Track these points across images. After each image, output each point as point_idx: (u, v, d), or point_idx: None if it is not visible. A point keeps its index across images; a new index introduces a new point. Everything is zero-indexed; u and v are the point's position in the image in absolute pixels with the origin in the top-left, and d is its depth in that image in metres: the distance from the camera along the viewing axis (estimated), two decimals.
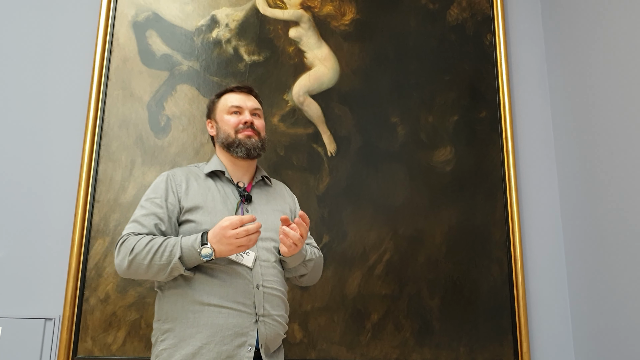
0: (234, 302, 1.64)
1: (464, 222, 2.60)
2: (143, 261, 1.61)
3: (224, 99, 1.90)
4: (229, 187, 1.84)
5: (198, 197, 1.77)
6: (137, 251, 1.62)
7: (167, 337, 1.65)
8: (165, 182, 1.79)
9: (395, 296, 2.49)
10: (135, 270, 1.64)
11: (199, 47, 2.59)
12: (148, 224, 1.69)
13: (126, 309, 2.31)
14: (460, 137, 2.69)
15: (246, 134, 1.82)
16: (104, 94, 2.48)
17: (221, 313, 1.63)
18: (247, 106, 1.87)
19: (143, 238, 1.64)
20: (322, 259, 1.95)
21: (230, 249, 1.59)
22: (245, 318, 1.64)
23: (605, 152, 2.35)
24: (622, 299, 2.22)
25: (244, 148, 1.81)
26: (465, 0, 2.86)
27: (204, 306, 1.63)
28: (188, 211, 1.74)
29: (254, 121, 1.86)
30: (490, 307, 2.52)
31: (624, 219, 2.23)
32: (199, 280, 1.66)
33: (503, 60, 2.78)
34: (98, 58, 2.49)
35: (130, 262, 1.63)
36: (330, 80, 2.66)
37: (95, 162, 2.41)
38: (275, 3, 2.70)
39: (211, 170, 1.85)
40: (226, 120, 1.85)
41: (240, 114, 1.86)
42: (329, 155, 2.58)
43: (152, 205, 1.73)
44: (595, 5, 2.45)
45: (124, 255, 1.64)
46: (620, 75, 2.27)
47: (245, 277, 1.68)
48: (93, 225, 2.36)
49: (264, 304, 1.68)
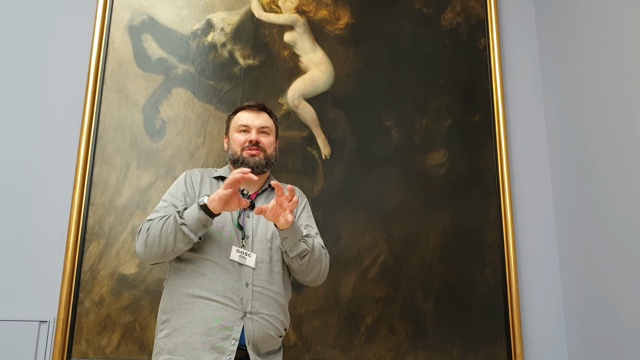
0: (222, 296, 1.71)
1: (457, 225, 2.61)
2: (155, 233, 1.70)
3: (236, 117, 1.99)
4: None
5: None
6: (152, 228, 1.72)
7: (164, 327, 1.74)
8: (184, 178, 1.93)
9: (389, 299, 2.49)
10: (151, 246, 1.72)
11: (194, 51, 2.60)
12: (167, 213, 1.78)
13: (120, 312, 2.31)
14: (454, 141, 2.70)
15: (250, 152, 1.91)
16: (100, 97, 2.49)
17: (209, 305, 1.70)
18: (255, 125, 1.94)
19: (158, 219, 1.75)
20: (327, 257, 1.93)
21: (217, 193, 1.66)
22: (231, 312, 1.70)
23: (598, 155, 2.36)
24: (615, 302, 2.23)
25: (246, 166, 1.88)
26: (459, 5, 2.88)
27: (195, 298, 1.71)
28: None
29: (261, 139, 1.93)
30: (484, 310, 2.53)
31: (617, 221, 2.24)
32: (193, 275, 1.75)
33: (497, 65, 2.80)
34: (94, 61, 2.50)
35: (145, 240, 1.73)
36: (325, 84, 2.68)
37: (90, 165, 2.41)
38: (271, 7, 2.72)
39: (219, 174, 1.96)
40: (235, 138, 1.95)
41: (248, 132, 1.94)
42: (324, 158, 2.59)
43: (172, 198, 1.86)
44: (589, 10, 2.47)
45: (142, 236, 1.74)
46: (613, 80, 2.29)
47: (235, 274, 1.74)
48: (88, 227, 2.36)
49: (252, 301, 1.73)
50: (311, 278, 1.89)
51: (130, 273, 2.34)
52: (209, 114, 2.54)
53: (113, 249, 2.36)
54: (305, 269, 1.84)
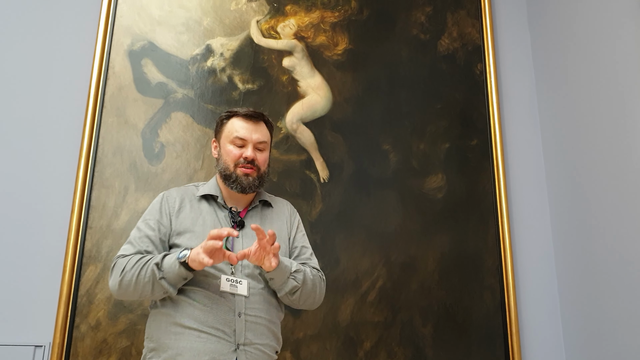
0: (213, 328, 1.62)
1: (456, 249, 2.61)
2: (131, 278, 1.62)
3: (231, 125, 1.83)
4: (223, 212, 1.81)
5: (187, 221, 1.76)
6: (127, 270, 1.63)
7: (152, 356, 1.65)
8: (160, 202, 1.80)
9: (388, 323, 2.48)
10: (126, 289, 1.64)
11: (193, 76, 2.63)
12: (140, 246, 1.71)
13: (117, 336, 2.29)
14: (452, 165, 2.72)
15: (245, 171, 1.78)
16: (99, 121, 2.50)
17: (200, 337, 1.61)
18: (253, 139, 1.80)
19: (133, 257, 1.66)
20: (322, 280, 1.84)
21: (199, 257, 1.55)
22: (224, 345, 1.62)
23: (596, 178, 2.37)
24: (614, 326, 2.22)
25: (239, 185, 1.78)
26: (456, 31, 2.92)
27: (184, 329, 1.62)
28: (177, 234, 1.74)
29: (257, 156, 1.80)
30: (483, 334, 2.51)
31: (615, 245, 2.24)
32: (182, 304, 1.65)
33: (493, 89, 2.83)
34: (93, 85, 2.52)
35: (120, 282, 1.64)
36: (323, 108, 2.70)
37: (88, 188, 2.42)
38: (270, 33, 2.75)
39: (205, 193, 1.83)
40: (228, 150, 1.80)
41: (244, 146, 1.80)
42: (322, 181, 2.60)
43: (146, 227, 1.75)
44: (584, 35, 2.50)
45: (116, 276, 1.66)
46: (608, 104, 2.31)
47: (226, 304, 1.65)
48: (85, 251, 2.36)
49: (245, 332, 1.65)
50: (306, 307, 1.82)
51: None
52: (208, 138, 2.55)
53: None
54: (298, 302, 1.77)
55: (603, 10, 2.36)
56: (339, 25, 2.81)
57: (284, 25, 2.77)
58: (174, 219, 1.76)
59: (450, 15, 2.93)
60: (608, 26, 2.33)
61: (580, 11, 2.53)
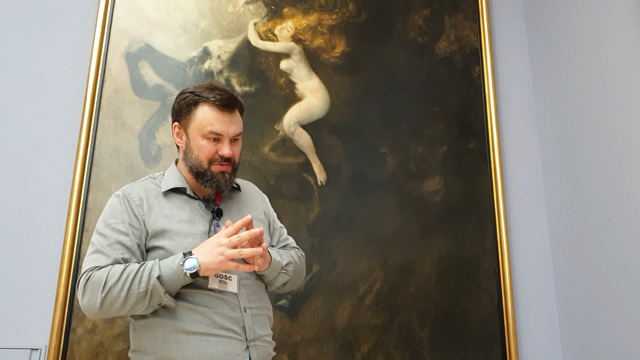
0: (223, 328, 1.50)
1: (453, 252, 2.61)
2: (120, 293, 1.43)
3: (202, 114, 1.60)
4: (195, 202, 1.64)
5: (162, 220, 1.57)
6: (111, 284, 1.44)
7: None
8: (122, 203, 1.58)
9: (386, 326, 2.47)
10: (110, 307, 1.45)
11: (191, 78, 2.62)
12: (113, 254, 1.50)
13: (113, 339, 2.28)
14: (449, 168, 2.72)
15: (221, 169, 1.60)
16: (96, 123, 2.49)
17: (210, 341, 1.48)
18: (229, 133, 1.60)
19: (114, 268, 1.46)
20: (304, 258, 1.79)
21: (219, 260, 1.44)
22: (237, 345, 1.51)
23: (593, 181, 2.37)
24: (612, 329, 2.22)
25: (214, 184, 1.61)
26: (454, 34, 2.92)
27: (189, 335, 1.48)
28: (154, 237, 1.56)
29: (232, 150, 1.62)
30: (480, 337, 2.51)
31: (612, 248, 2.24)
32: (180, 309, 1.50)
33: (491, 92, 2.83)
34: (90, 88, 2.51)
35: (103, 299, 1.44)
36: (321, 111, 2.70)
37: (85, 191, 2.41)
38: (267, 36, 2.75)
39: (170, 187, 1.63)
40: (201, 145, 1.59)
41: (219, 141, 1.60)
42: (319, 184, 2.59)
43: (114, 233, 1.53)
44: (581, 38, 2.51)
45: (94, 292, 1.45)
46: (606, 106, 2.31)
47: (231, 301, 1.54)
48: (81, 254, 2.34)
49: (253, 327, 1.56)
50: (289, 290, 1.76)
51: None
52: None
53: None
54: (285, 289, 1.73)
55: (601, 14, 2.37)
56: (337, 28, 2.81)
57: (282, 28, 2.77)
58: (146, 220, 1.56)
59: (448, 18, 2.93)
60: (606, 29, 2.33)
61: (577, 15, 2.53)
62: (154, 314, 1.52)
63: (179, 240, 1.55)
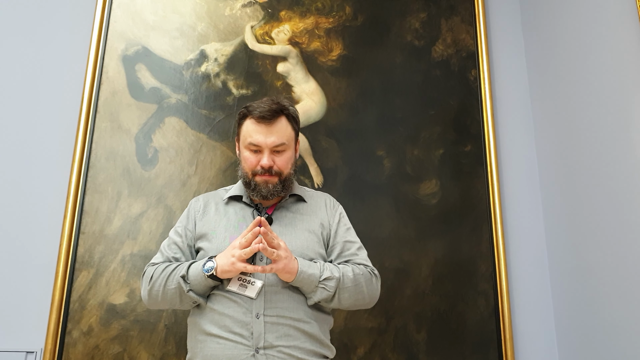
0: (231, 332, 1.55)
1: (450, 255, 2.60)
2: (159, 288, 1.62)
3: (246, 127, 1.70)
4: (248, 210, 1.75)
5: (210, 224, 1.72)
6: (155, 279, 1.63)
7: None
8: (188, 209, 1.80)
9: (382, 329, 2.47)
10: (155, 299, 1.64)
11: (187, 81, 2.63)
12: (168, 253, 1.71)
13: (109, 342, 2.28)
14: (446, 171, 2.72)
15: (264, 179, 1.68)
16: (92, 126, 2.49)
17: (219, 344, 1.55)
18: (268, 144, 1.66)
19: (160, 265, 1.66)
20: (373, 276, 1.71)
21: (231, 262, 1.53)
22: (242, 350, 1.53)
23: (590, 184, 2.38)
24: (609, 331, 2.22)
25: (259, 194, 1.69)
26: (450, 37, 2.92)
27: (207, 336, 1.58)
28: (199, 238, 1.72)
29: (275, 160, 1.68)
30: (477, 340, 2.51)
31: (608, 250, 2.24)
32: (205, 310, 1.62)
33: (487, 95, 2.83)
34: (87, 90, 2.51)
35: (149, 292, 1.64)
36: (318, 114, 2.70)
37: (81, 193, 2.41)
38: (264, 39, 2.75)
39: (230, 195, 1.78)
40: (245, 156, 1.70)
41: (260, 152, 1.68)
42: (316, 187, 2.59)
43: (174, 234, 1.76)
44: (578, 41, 2.51)
45: (144, 286, 1.66)
46: (602, 109, 2.32)
47: (243, 305, 1.57)
48: (78, 256, 2.35)
49: (264, 335, 1.54)
50: (357, 308, 1.70)
51: (119, 303, 2.32)
52: (202, 143, 2.55)
53: (103, 278, 2.34)
54: (343, 306, 1.65)
55: (597, 17, 2.38)
56: (334, 31, 2.81)
57: (279, 31, 2.77)
58: (198, 222, 1.74)
59: (445, 22, 2.94)
60: (602, 33, 2.34)
61: (574, 18, 2.54)
62: (192, 315, 1.67)
63: (217, 242, 1.66)
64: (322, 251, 1.74)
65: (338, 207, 1.87)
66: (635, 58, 2.13)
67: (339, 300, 1.63)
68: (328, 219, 1.80)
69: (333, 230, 1.78)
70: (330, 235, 1.78)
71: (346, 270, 1.65)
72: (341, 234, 1.78)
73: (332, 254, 1.76)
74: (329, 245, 1.77)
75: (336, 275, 1.62)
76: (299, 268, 1.58)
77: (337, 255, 1.75)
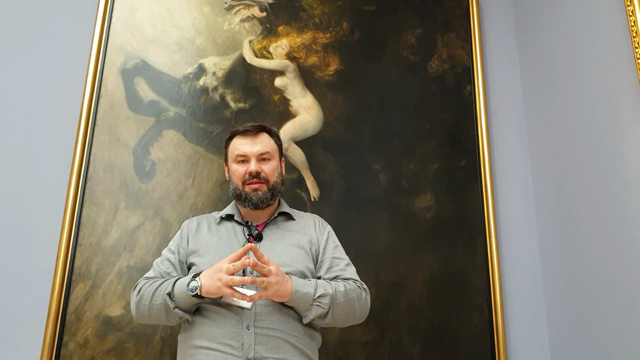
0: (221, 343, 1.56)
1: (444, 269, 2.62)
2: (146, 302, 1.64)
3: (232, 145, 1.84)
4: (239, 227, 1.82)
5: (202, 241, 1.78)
6: (142, 294, 1.66)
7: None
8: (181, 229, 1.86)
9: (377, 343, 2.48)
10: (142, 314, 1.67)
11: (185, 94, 2.65)
12: (160, 268, 1.75)
13: (105, 355, 2.28)
14: (441, 185, 2.74)
15: (252, 187, 1.77)
16: (91, 138, 2.51)
17: (209, 356, 1.56)
18: (253, 152, 1.79)
19: (149, 281, 1.69)
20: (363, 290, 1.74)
21: (217, 285, 1.53)
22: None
23: (584, 199, 2.40)
24: (602, 345, 2.23)
25: (250, 203, 1.77)
26: (446, 53, 2.96)
27: (196, 349, 1.59)
28: (191, 254, 1.77)
29: (262, 168, 1.79)
30: (471, 354, 2.52)
31: (603, 265, 2.26)
32: (195, 323, 1.64)
33: (482, 111, 2.86)
34: (86, 103, 2.53)
35: (137, 305, 1.67)
36: (315, 127, 2.72)
37: (79, 205, 2.42)
38: (262, 53, 2.78)
39: (225, 213, 1.85)
40: (234, 170, 1.81)
41: (247, 162, 1.80)
42: (313, 200, 2.61)
43: (167, 252, 1.81)
44: (572, 57, 2.55)
45: (134, 298, 1.69)
46: (596, 125, 2.35)
47: (235, 317, 1.59)
48: (75, 268, 2.35)
49: (254, 346, 1.56)
50: (347, 325, 1.73)
51: (115, 315, 2.32)
52: (199, 156, 2.57)
53: (99, 290, 2.35)
54: (335, 324, 1.69)
55: (592, 33, 2.41)
56: (331, 46, 2.84)
57: (277, 46, 2.80)
58: (191, 239, 1.80)
59: (440, 38, 2.97)
60: (595, 50, 2.37)
61: (568, 34, 2.58)
62: (181, 331, 1.70)
63: (209, 257, 1.71)
64: (311, 266, 1.77)
65: (327, 226, 1.93)
66: (628, 74, 2.16)
67: (332, 316, 1.65)
68: (317, 236, 1.85)
69: (322, 247, 1.83)
70: (318, 252, 1.82)
71: (338, 286, 1.68)
72: (330, 251, 1.82)
73: (320, 269, 1.79)
74: (318, 261, 1.81)
75: (329, 291, 1.65)
76: (293, 287, 1.60)
77: (325, 270, 1.78)
